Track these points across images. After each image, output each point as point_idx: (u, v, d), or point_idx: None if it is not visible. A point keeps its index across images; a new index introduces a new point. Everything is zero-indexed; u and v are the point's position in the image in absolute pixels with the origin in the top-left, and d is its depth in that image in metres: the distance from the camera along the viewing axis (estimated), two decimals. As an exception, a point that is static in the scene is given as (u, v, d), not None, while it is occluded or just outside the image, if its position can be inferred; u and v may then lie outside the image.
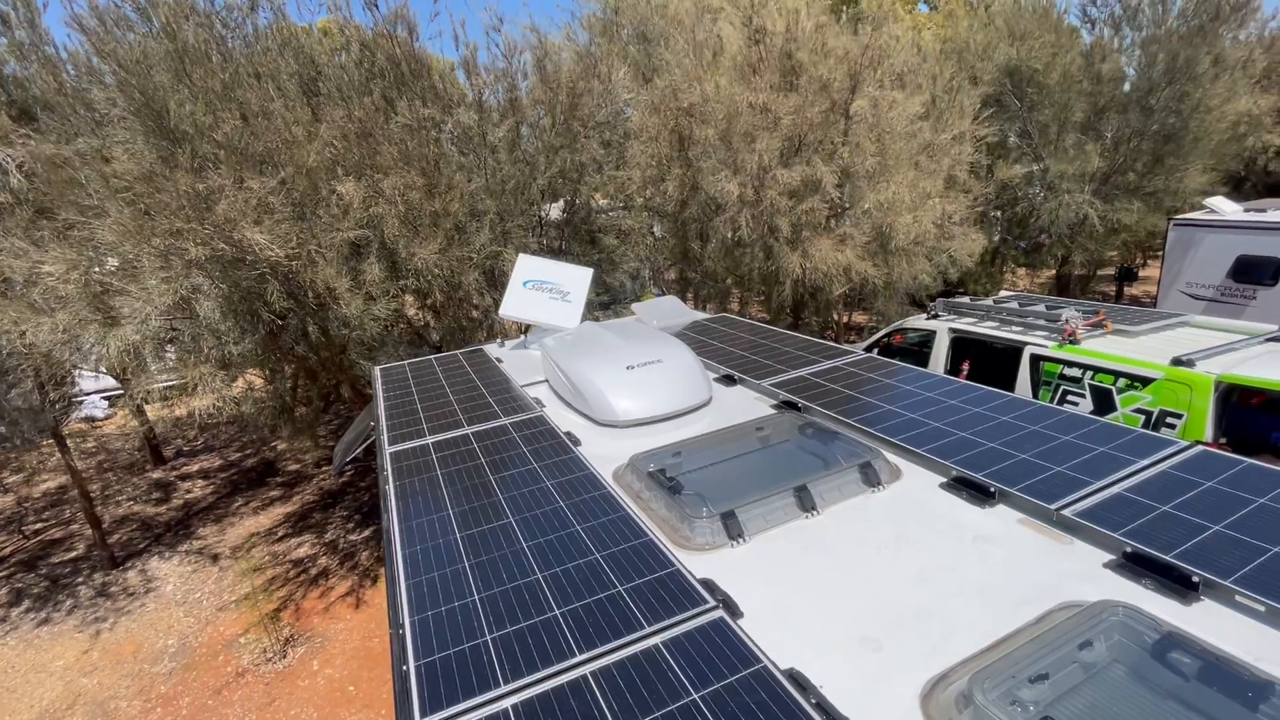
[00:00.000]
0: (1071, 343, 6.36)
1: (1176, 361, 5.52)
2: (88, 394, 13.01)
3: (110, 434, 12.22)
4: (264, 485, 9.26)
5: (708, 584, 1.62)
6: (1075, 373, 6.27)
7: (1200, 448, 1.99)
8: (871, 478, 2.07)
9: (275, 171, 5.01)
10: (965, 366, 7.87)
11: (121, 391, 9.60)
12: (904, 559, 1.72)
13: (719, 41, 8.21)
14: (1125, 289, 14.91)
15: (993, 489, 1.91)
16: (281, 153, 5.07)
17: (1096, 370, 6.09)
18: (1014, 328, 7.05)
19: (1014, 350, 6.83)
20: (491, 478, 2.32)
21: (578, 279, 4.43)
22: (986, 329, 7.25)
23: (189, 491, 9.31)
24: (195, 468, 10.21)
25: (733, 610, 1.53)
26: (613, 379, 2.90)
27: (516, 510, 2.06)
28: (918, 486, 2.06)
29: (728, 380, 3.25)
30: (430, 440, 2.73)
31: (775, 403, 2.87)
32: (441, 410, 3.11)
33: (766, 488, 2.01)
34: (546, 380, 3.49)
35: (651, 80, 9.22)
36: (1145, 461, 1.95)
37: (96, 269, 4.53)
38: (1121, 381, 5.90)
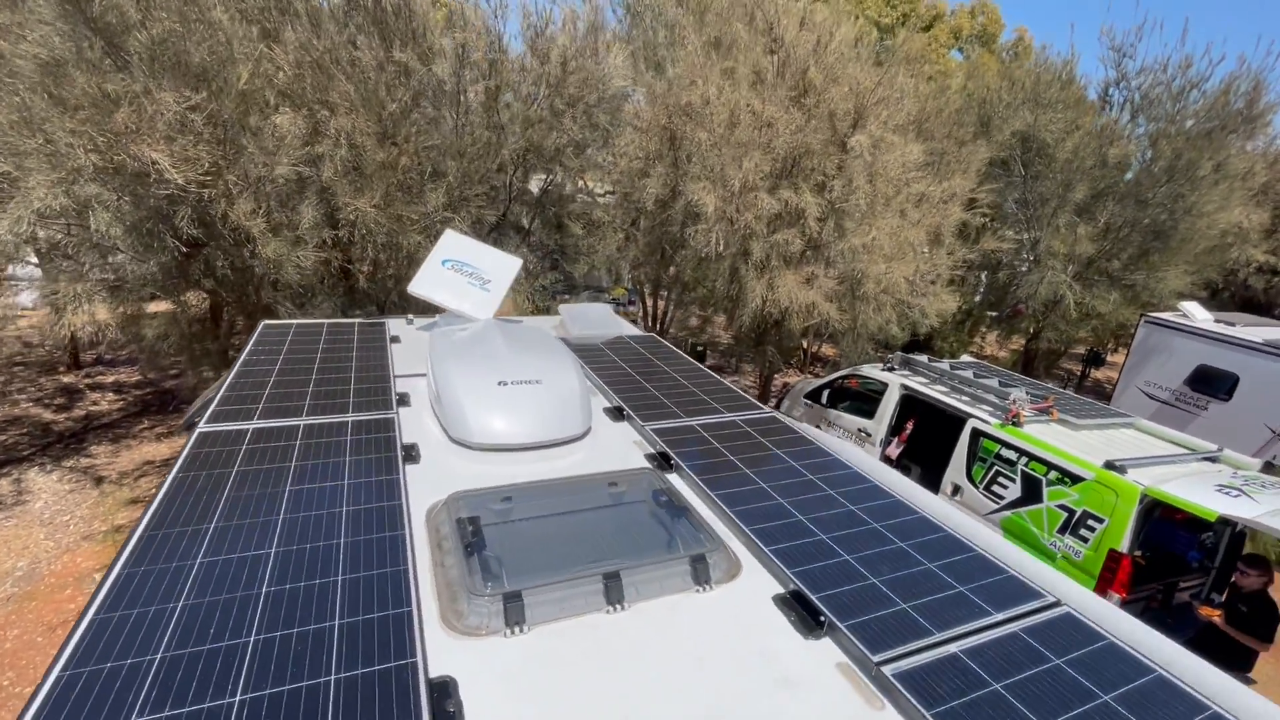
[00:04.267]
0: (1014, 424, 6.21)
1: (1109, 465, 5.39)
2: (16, 281, 12.33)
3: (32, 327, 11.56)
4: (176, 412, 8.79)
5: (442, 689, 1.34)
6: (1011, 455, 6.13)
7: (1065, 610, 1.76)
8: (701, 575, 1.81)
9: (208, 88, 4.58)
10: (909, 426, 7.73)
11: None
12: (692, 689, 1.46)
13: (734, 40, 7.88)
14: (1091, 372, 14.98)
15: (823, 618, 1.66)
16: (218, 70, 4.64)
17: (1031, 457, 5.95)
18: (963, 397, 6.90)
19: (958, 420, 6.68)
20: (288, 489, 2.01)
21: (503, 268, 4.11)
22: (936, 392, 7.09)
23: (95, 404, 8.81)
24: (110, 379, 9.69)
25: (452, 732, 1.26)
26: (478, 393, 2.60)
27: (287, 540, 1.76)
28: (749, 594, 1.81)
29: (616, 413, 2.97)
30: (254, 425, 2.41)
31: (651, 451, 2.60)
32: (292, 390, 2.79)
33: (576, 567, 1.74)
34: (426, 375, 3.18)
35: (663, 67, 8.85)
36: (1000, 615, 1.72)
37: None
38: (1053, 474, 5.76)
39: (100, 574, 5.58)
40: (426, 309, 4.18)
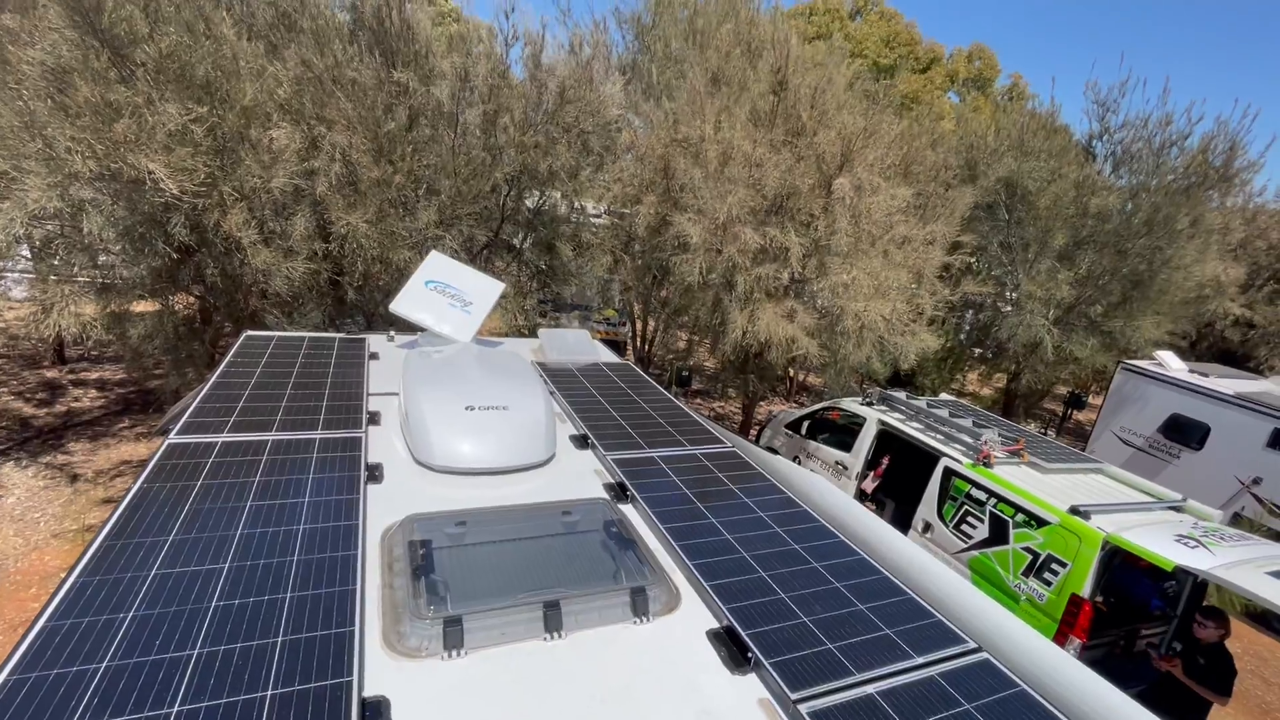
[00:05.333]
0: (985, 465, 6.32)
1: (1074, 510, 5.49)
2: (9, 271, 12.33)
3: (20, 319, 11.55)
4: (158, 413, 8.78)
5: (374, 708, 1.40)
6: (981, 495, 6.23)
7: (984, 657, 1.84)
8: (640, 607, 1.88)
9: (211, 101, 4.70)
10: (885, 461, 7.84)
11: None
12: (616, 718, 1.53)
13: (733, 78, 8.11)
14: (1072, 414, 15.16)
15: (750, 654, 1.73)
16: (223, 83, 4.77)
17: (1000, 499, 6.05)
18: (937, 435, 7.01)
19: (931, 458, 6.79)
20: (249, 504, 2.08)
21: (485, 291, 4.21)
22: (912, 429, 7.21)
23: (76, 400, 8.80)
24: (94, 376, 9.69)
25: (378, 752, 1.32)
26: (444, 416, 2.68)
27: (242, 555, 1.83)
28: (684, 627, 1.88)
29: (581, 441, 3.05)
30: (223, 439, 2.48)
31: (610, 481, 2.68)
32: (265, 404, 2.86)
33: (518, 594, 1.81)
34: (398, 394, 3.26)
35: (667, 96, 9.07)
36: (920, 659, 1.80)
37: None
38: (1020, 516, 5.86)
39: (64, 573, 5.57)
40: (410, 326, 4.27)
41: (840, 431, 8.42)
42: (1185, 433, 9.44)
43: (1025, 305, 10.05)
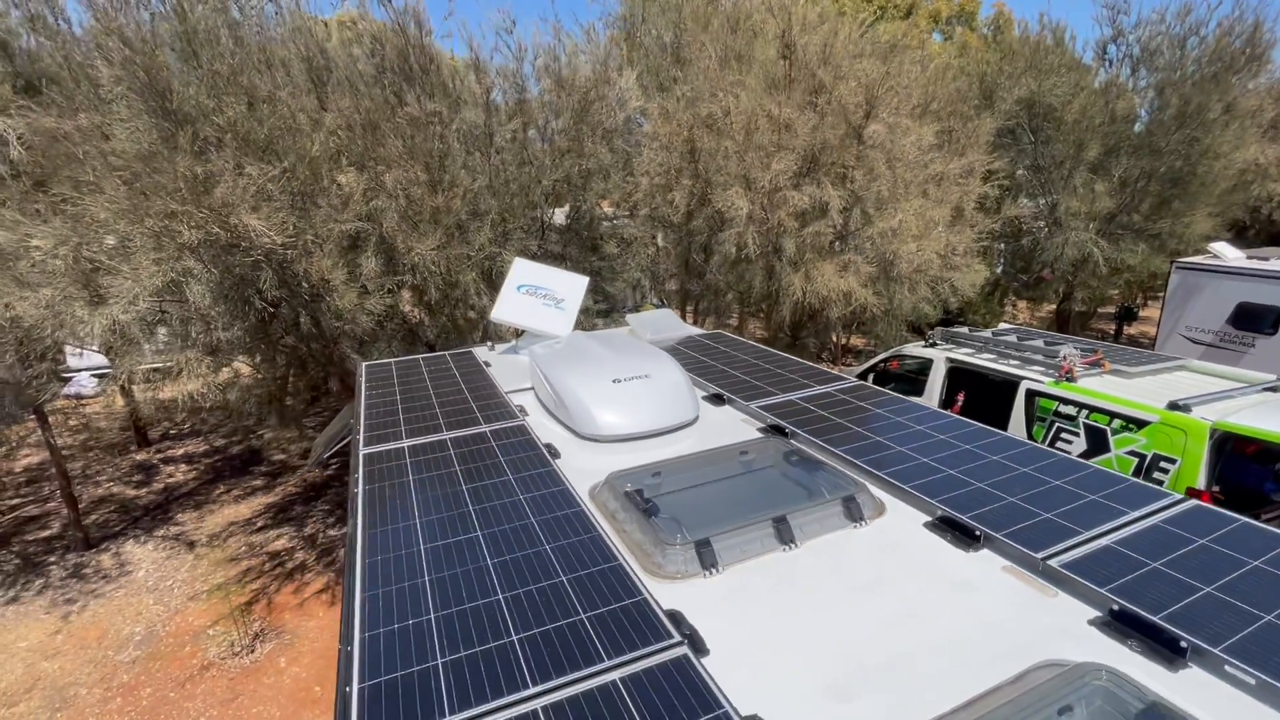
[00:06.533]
0: (1068, 380, 6.30)
1: (1173, 406, 5.47)
2: (75, 371, 12.93)
3: (97, 413, 12.11)
4: (247, 474, 9.16)
5: (674, 617, 1.55)
6: (1070, 410, 6.21)
7: (1194, 502, 1.92)
8: (855, 513, 2.01)
9: (277, 159, 4.96)
10: (960, 398, 7.82)
11: (109, 370, 9.51)
12: (880, 603, 1.65)
13: (747, 51, 8.21)
14: (1125, 328, 14.90)
15: (978, 532, 1.84)
16: (284, 140, 5.03)
17: (1092, 409, 6.03)
18: (1011, 362, 7.00)
19: (1010, 384, 6.78)
20: (464, 488, 2.25)
21: (573, 287, 4.38)
22: (984, 361, 7.20)
23: (170, 476, 9.21)
24: (180, 452, 10.11)
25: (698, 647, 1.46)
26: (597, 392, 2.84)
27: (486, 524, 1.99)
28: (901, 524, 2.00)
29: (716, 399, 3.18)
30: (406, 444, 2.66)
31: (762, 426, 2.81)
32: (422, 413, 3.04)
33: (745, 516, 1.95)
34: (533, 388, 3.42)
35: (669, 88, 9.21)
36: (1136, 513, 1.89)
37: (87, 247, 4.46)
38: (1116, 422, 5.84)
39: (213, 629, 5.87)
40: (504, 334, 4.46)
41: (903, 381, 8.42)
42: (1256, 320, 9.24)
43: (1068, 222, 9.94)
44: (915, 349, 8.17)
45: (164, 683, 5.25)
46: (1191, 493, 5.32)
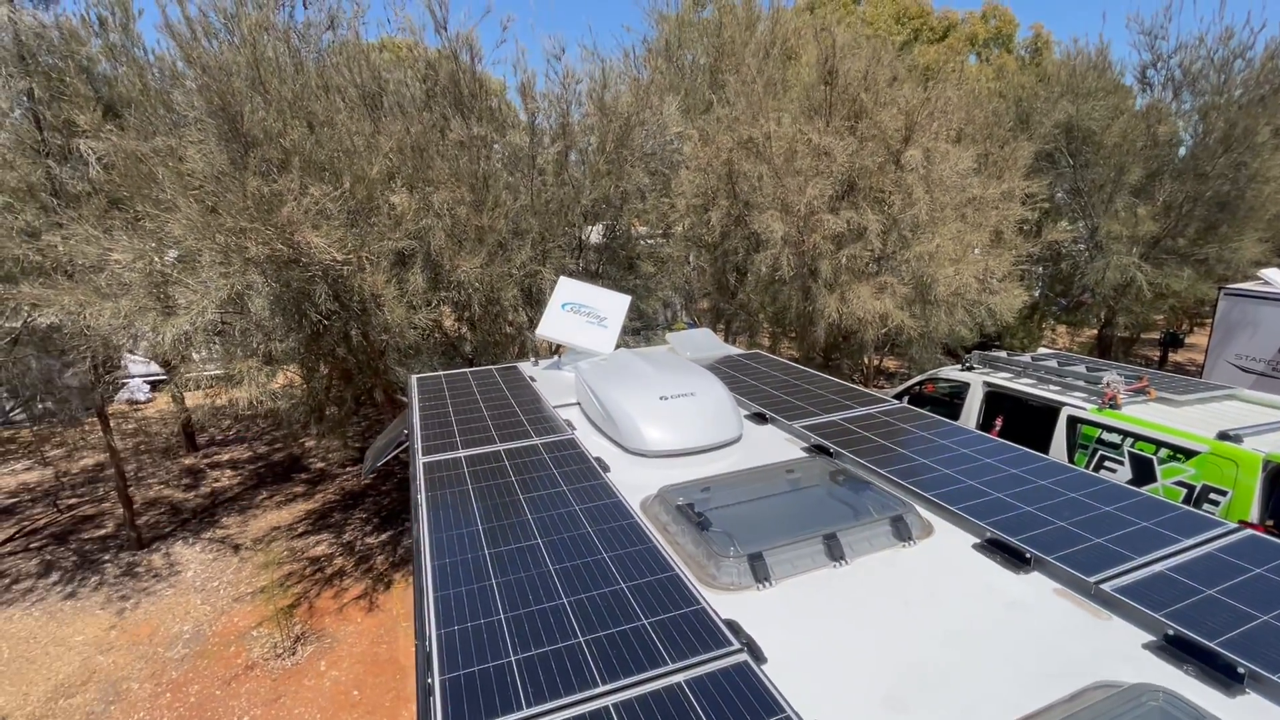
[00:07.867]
0: (1112, 407, 6.19)
1: (1223, 436, 5.33)
2: (132, 377, 13.53)
3: (150, 418, 12.63)
4: (289, 480, 9.44)
5: (732, 625, 1.61)
6: (1115, 438, 6.09)
7: (1249, 531, 1.92)
8: (903, 532, 2.05)
9: (336, 179, 5.22)
10: (999, 422, 7.72)
11: (165, 377, 9.94)
12: (933, 619, 1.69)
13: (779, 75, 8.36)
14: (1170, 355, 14.47)
15: (1028, 554, 1.87)
16: (342, 161, 5.29)
17: (1137, 438, 5.91)
18: (1052, 387, 6.90)
19: (1051, 410, 6.67)
20: (521, 497, 2.35)
21: (615, 305, 4.50)
22: (1023, 386, 7.11)
23: (217, 480, 9.54)
24: (225, 457, 10.47)
25: (757, 655, 1.52)
26: (645, 408, 2.93)
27: (545, 532, 2.09)
28: (950, 545, 2.03)
29: (759, 418, 3.25)
30: (463, 454, 2.78)
31: (806, 445, 2.86)
32: (474, 424, 3.17)
33: (795, 532, 2.01)
34: (578, 403, 3.53)
35: (708, 110, 9.39)
36: (1190, 541, 1.90)
37: (160, 259, 4.75)
38: (1163, 452, 5.71)
39: (256, 630, 6.06)
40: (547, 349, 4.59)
41: (938, 404, 8.33)
42: (1311, 349, 8.94)
43: (1110, 246, 9.78)
44: (951, 372, 8.10)
45: (210, 681, 5.43)
46: (1244, 526, 5.17)
